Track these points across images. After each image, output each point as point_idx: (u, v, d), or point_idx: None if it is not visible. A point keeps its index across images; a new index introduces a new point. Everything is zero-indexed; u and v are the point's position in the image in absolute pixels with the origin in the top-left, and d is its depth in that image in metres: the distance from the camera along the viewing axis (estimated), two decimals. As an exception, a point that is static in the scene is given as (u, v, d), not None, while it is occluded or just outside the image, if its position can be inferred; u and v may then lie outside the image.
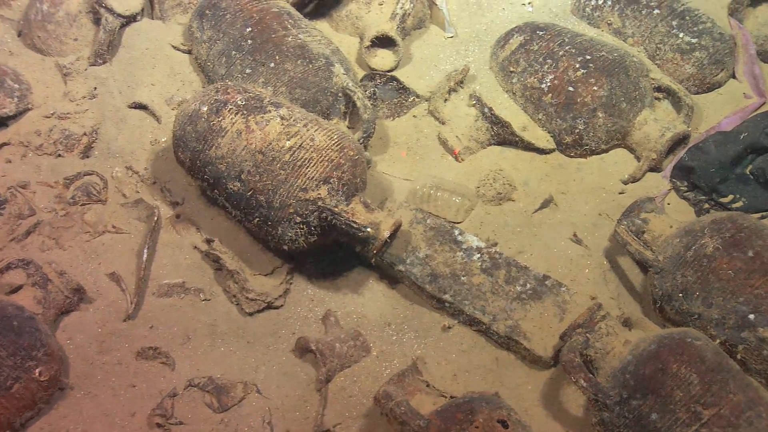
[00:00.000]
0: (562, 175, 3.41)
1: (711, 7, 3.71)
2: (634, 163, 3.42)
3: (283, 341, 2.99)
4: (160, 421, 2.75)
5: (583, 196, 3.36)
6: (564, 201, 3.35)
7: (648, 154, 3.36)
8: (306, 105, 3.24)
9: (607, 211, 3.31)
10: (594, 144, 3.41)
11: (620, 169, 3.42)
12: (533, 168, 3.43)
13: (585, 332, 2.72)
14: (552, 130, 3.43)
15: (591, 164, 3.45)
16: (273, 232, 2.94)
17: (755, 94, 3.58)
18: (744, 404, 2.48)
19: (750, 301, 2.72)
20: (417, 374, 2.82)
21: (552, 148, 3.45)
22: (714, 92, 3.63)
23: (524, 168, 3.43)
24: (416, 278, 3.05)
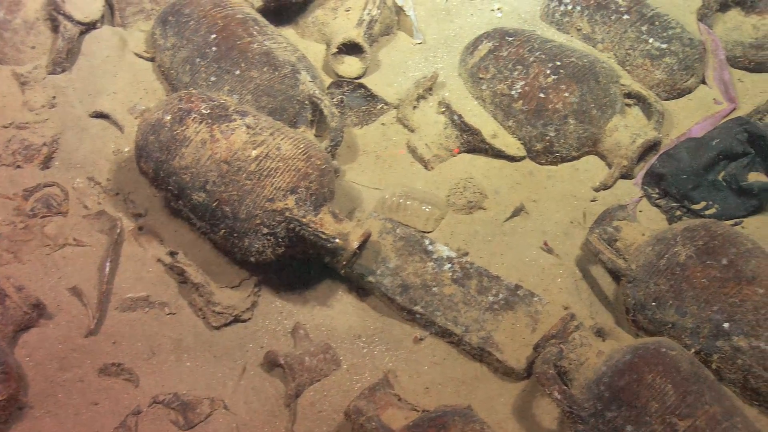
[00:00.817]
0: (533, 182, 3.38)
1: (680, 13, 3.71)
2: (606, 170, 3.40)
3: (250, 355, 2.92)
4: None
5: (555, 203, 3.33)
6: (535, 209, 3.32)
7: (619, 161, 3.34)
8: (272, 113, 3.18)
9: (578, 218, 3.28)
10: (565, 151, 3.39)
11: (591, 177, 3.40)
12: (504, 176, 3.39)
13: (558, 343, 2.68)
14: (522, 137, 3.40)
15: (562, 172, 3.42)
16: (239, 243, 2.87)
17: (725, 99, 3.57)
18: (720, 415, 2.45)
19: (724, 309, 2.70)
20: (388, 388, 2.77)
21: (522, 156, 3.42)
22: (684, 98, 3.63)
23: (495, 176, 3.39)
24: (386, 289, 2.99)
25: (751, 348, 2.66)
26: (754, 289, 2.70)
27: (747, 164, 3.26)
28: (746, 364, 2.67)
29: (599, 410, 2.50)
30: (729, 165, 3.29)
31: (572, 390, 2.61)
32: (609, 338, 2.77)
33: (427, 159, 3.41)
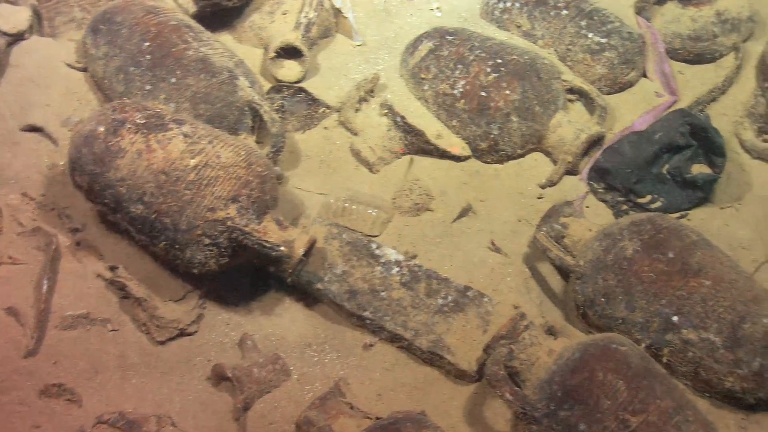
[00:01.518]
0: (480, 182, 3.36)
1: (618, 7, 3.72)
2: (551, 167, 3.39)
3: (198, 369, 2.86)
4: (67, 463, 2.60)
5: (502, 202, 3.31)
6: (483, 208, 3.30)
7: (564, 157, 3.33)
8: (211, 121, 3.11)
9: (526, 216, 3.27)
10: (510, 149, 3.37)
11: (537, 174, 3.39)
12: (450, 176, 3.36)
13: (509, 343, 2.66)
14: (467, 136, 3.38)
15: (508, 170, 3.40)
16: (181, 255, 2.80)
17: (667, 92, 3.59)
18: (671, 409, 2.45)
19: (672, 303, 2.70)
20: (340, 396, 2.74)
21: (468, 155, 3.39)
22: (626, 92, 3.63)
23: (441, 176, 3.36)
24: (334, 296, 2.95)
25: (700, 340, 2.66)
26: (701, 281, 2.71)
27: (690, 156, 3.28)
28: (696, 357, 2.67)
29: (552, 410, 2.49)
30: (672, 158, 3.30)
31: (524, 390, 2.60)
32: (560, 336, 2.75)
33: (371, 162, 3.37)
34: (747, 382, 2.65)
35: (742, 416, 2.73)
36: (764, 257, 3.11)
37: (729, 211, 3.26)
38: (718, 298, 2.68)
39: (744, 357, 2.64)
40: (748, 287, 2.73)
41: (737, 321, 2.65)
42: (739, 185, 3.33)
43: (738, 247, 3.14)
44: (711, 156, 3.27)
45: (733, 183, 3.33)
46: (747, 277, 2.79)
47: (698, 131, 3.28)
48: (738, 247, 3.14)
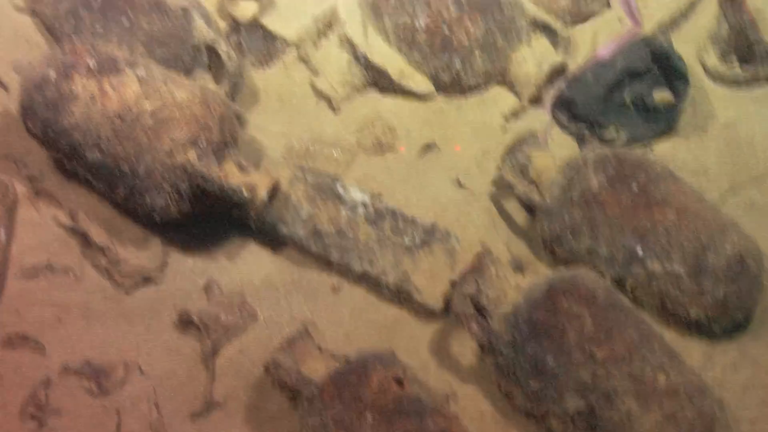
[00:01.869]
0: (444, 117, 3.31)
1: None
2: (515, 100, 3.35)
3: (164, 316, 2.83)
4: (34, 412, 2.60)
5: (467, 137, 3.28)
6: (447, 145, 3.26)
7: (528, 88, 3.29)
8: (166, 62, 3.02)
9: (491, 150, 3.23)
10: (473, 83, 3.32)
11: (502, 107, 3.34)
12: (413, 112, 3.31)
13: (476, 280, 2.66)
14: (429, 71, 3.31)
15: (472, 104, 3.35)
16: (141, 201, 2.75)
17: (630, 21, 3.54)
18: (637, 340, 2.48)
19: (637, 235, 2.71)
20: (308, 339, 2.72)
21: (431, 90, 3.33)
22: (589, 22, 3.56)
23: (404, 113, 3.30)
24: (300, 238, 2.92)
25: (665, 271, 2.68)
26: (665, 212, 2.71)
27: (651, 83, 3.24)
28: (661, 288, 2.69)
29: (519, 343, 2.50)
30: (635, 87, 3.27)
31: (491, 325, 2.60)
32: (527, 271, 2.76)
33: (333, 99, 3.30)
34: (711, 311, 2.68)
35: (707, 345, 2.77)
36: (729, 187, 3.11)
37: (693, 140, 3.25)
38: (682, 228, 2.69)
39: (708, 286, 2.66)
40: (712, 217, 2.74)
41: (701, 250, 2.67)
42: (703, 113, 3.31)
43: (703, 176, 3.14)
44: (674, 83, 3.23)
45: (698, 111, 3.31)
46: (711, 207, 2.80)
47: (661, 57, 3.24)
48: (703, 177, 3.13)
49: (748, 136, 3.25)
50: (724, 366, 2.73)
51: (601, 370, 2.43)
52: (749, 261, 2.69)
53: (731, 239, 2.70)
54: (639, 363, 2.45)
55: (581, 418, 2.44)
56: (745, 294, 2.69)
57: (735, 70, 3.36)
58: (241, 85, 3.14)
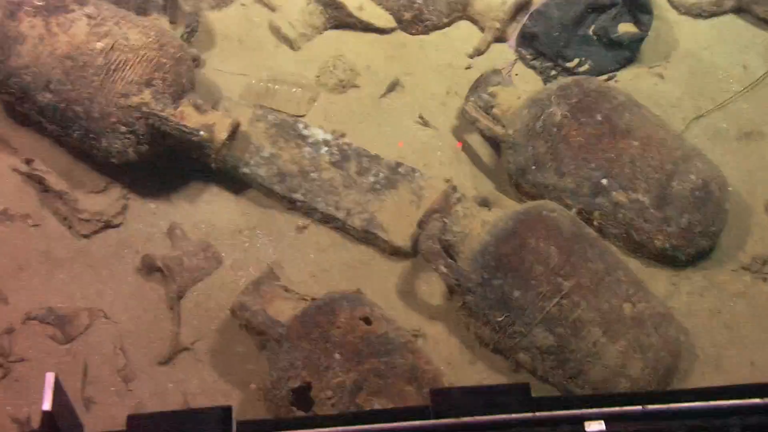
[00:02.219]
0: (406, 54, 3.27)
1: None
2: (479, 36, 3.31)
3: (127, 261, 2.79)
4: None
5: (430, 74, 3.24)
6: (410, 82, 3.22)
7: (491, 23, 3.25)
8: (118, 1, 2.92)
9: (455, 88, 3.20)
10: (435, 18, 3.27)
11: (465, 43, 3.30)
12: (375, 50, 3.26)
13: (442, 217, 2.64)
14: (390, 7, 3.26)
15: (435, 40, 3.31)
16: (97, 145, 2.69)
17: (594, -48, 3.49)
18: (603, 271, 2.48)
19: (602, 166, 2.69)
20: (274, 280, 2.70)
21: (392, 27, 3.28)
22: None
23: (365, 51, 3.25)
24: (263, 180, 2.87)
25: (630, 201, 2.67)
26: (629, 142, 2.70)
27: (615, 16, 3.21)
28: (627, 218, 2.69)
29: (486, 279, 2.49)
30: (598, 18, 3.23)
31: (459, 262, 2.59)
32: (494, 207, 2.74)
33: (292, 38, 3.23)
34: (676, 240, 2.69)
35: (673, 273, 2.78)
36: (693, 114, 3.10)
37: (657, 70, 3.24)
38: (646, 158, 2.68)
39: (672, 214, 2.66)
40: (676, 146, 2.73)
41: (665, 180, 2.66)
42: (666, 43, 3.30)
43: (667, 105, 3.13)
44: (637, 14, 3.20)
45: (661, 41, 3.29)
46: (675, 135, 2.80)
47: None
48: (667, 106, 3.13)
49: (711, 64, 3.25)
50: (689, 293, 2.75)
51: (567, 301, 2.43)
52: (713, 188, 2.69)
53: (695, 167, 2.70)
54: (605, 293, 2.45)
55: (549, 350, 2.44)
56: (709, 221, 2.69)
57: (699, 1, 3.33)
58: (197, 26, 3.05)
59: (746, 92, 3.15)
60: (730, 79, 3.20)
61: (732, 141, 3.05)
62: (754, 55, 3.25)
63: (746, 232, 2.85)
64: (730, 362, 2.62)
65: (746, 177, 2.96)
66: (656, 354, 2.44)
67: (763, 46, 3.27)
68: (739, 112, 3.12)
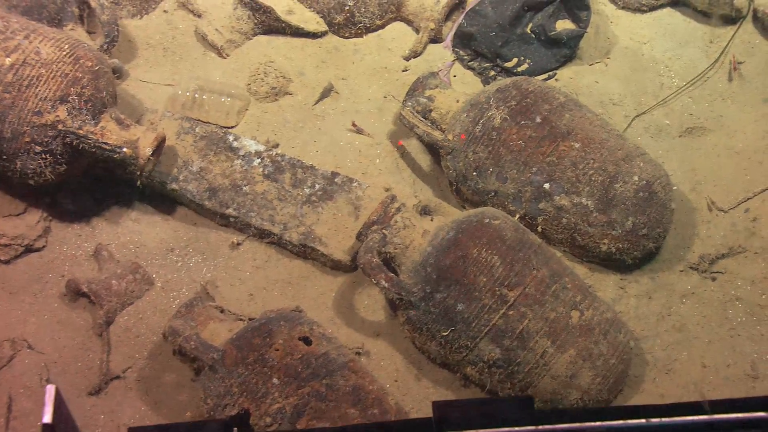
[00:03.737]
0: (340, 59, 3.16)
1: None
2: (414, 37, 3.22)
3: (51, 287, 2.66)
4: None
5: (365, 79, 3.14)
6: (345, 87, 3.11)
7: (426, 24, 3.16)
8: (29, 12, 2.80)
9: (392, 92, 3.10)
10: (368, 20, 3.17)
11: (400, 45, 3.21)
12: (307, 55, 3.15)
13: (381, 228, 2.54)
14: (320, 10, 3.16)
15: (369, 43, 3.21)
16: (11, 167, 2.56)
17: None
18: (548, 279, 2.40)
19: (543, 170, 2.62)
20: (208, 300, 2.59)
21: (324, 31, 3.18)
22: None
23: (297, 56, 3.14)
24: (193, 195, 2.75)
25: (573, 205, 2.60)
26: (570, 144, 2.63)
27: (553, 12, 3.15)
28: (571, 223, 2.62)
29: (428, 293, 2.40)
30: (535, 16, 3.16)
31: (400, 275, 2.49)
32: (435, 215, 2.64)
33: (219, 46, 3.11)
34: (622, 243, 2.62)
35: (620, 277, 2.73)
36: (635, 112, 3.05)
37: (598, 66, 3.18)
38: (588, 160, 2.61)
39: (617, 217, 2.59)
40: (618, 146, 2.67)
41: (608, 182, 2.60)
42: (606, 39, 3.24)
43: (609, 103, 3.07)
44: (575, 10, 3.14)
45: (601, 37, 3.23)
46: (617, 135, 2.73)
47: (561, -16, 3.15)
48: (609, 104, 3.07)
49: (651, 59, 3.19)
50: (637, 296, 2.70)
51: (513, 312, 2.35)
52: (657, 189, 2.63)
53: (638, 167, 2.64)
54: (552, 302, 2.38)
55: (497, 363, 2.36)
56: (654, 223, 2.63)
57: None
58: (117, 35, 2.91)
59: (688, 87, 3.10)
60: (671, 73, 3.15)
61: (675, 138, 3.00)
62: (693, 49, 3.20)
63: (692, 230, 2.80)
64: (681, 365, 2.56)
65: (690, 174, 2.91)
66: (606, 362, 2.38)
67: (702, 40, 3.23)
68: (681, 108, 3.07)
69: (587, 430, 1.72)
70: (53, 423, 1.68)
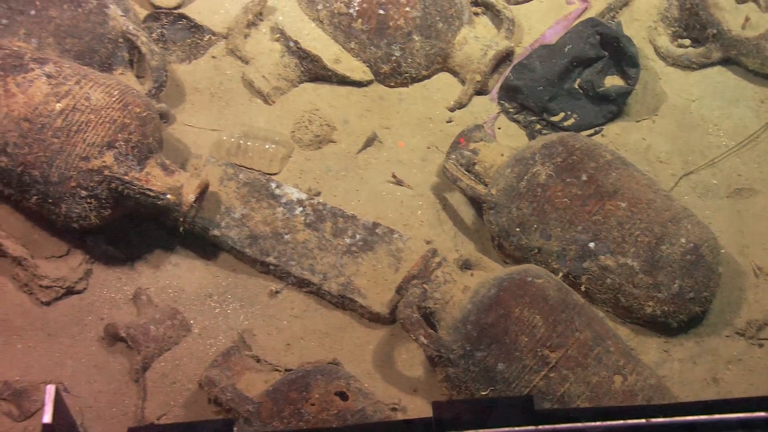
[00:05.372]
0: (384, 108, 3.16)
1: None
2: (459, 88, 3.21)
3: (90, 330, 2.66)
4: (-51, 441, 2.42)
5: (409, 129, 3.13)
6: (389, 137, 3.11)
7: (472, 76, 3.16)
8: (80, 56, 2.84)
9: (435, 143, 3.09)
10: (414, 71, 3.17)
11: (445, 96, 3.21)
12: (352, 104, 3.15)
13: (421, 283, 2.52)
14: (367, 59, 3.16)
15: (414, 93, 3.21)
16: (56, 210, 2.58)
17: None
18: (591, 341, 2.36)
19: (588, 228, 2.59)
20: (245, 349, 2.59)
21: (369, 80, 3.18)
22: (535, 1, 3.44)
23: (342, 105, 3.15)
24: (234, 242, 2.75)
25: (618, 266, 2.56)
26: (617, 203, 2.59)
27: (602, 69, 3.14)
28: (615, 283, 2.58)
29: (468, 351, 2.37)
30: (584, 71, 3.15)
31: (440, 331, 2.47)
32: (476, 269, 2.63)
33: (266, 92, 3.13)
34: (667, 306, 2.57)
35: (664, 340, 2.67)
36: (682, 170, 3.01)
37: (645, 123, 3.15)
38: (635, 220, 2.58)
39: (663, 280, 2.55)
40: (665, 206, 2.63)
41: (655, 243, 2.56)
42: (654, 96, 3.21)
43: (655, 161, 3.04)
44: (624, 66, 3.13)
45: (649, 93, 3.20)
46: (664, 195, 2.69)
47: (610, 41, 3.13)
48: (656, 162, 3.03)
49: (700, 117, 3.16)
50: (682, 361, 2.64)
51: (555, 374, 2.31)
52: (704, 251, 2.59)
53: (685, 229, 2.59)
54: (594, 365, 2.33)
55: (536, 425, 2.32)
56: (701, 286, 2.58)
57: (687, 52, 3.25)
58: (165, 80, 2.95)
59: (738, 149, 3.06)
60: (720, 132, 3.11)
61: (722, 198, 2.96)
62: (744, 108, 3.16)
63: (740, 295, 2.74)
64: (727, 434, 2.49)
65: (738, 236, 2.86)
66: (649, 429, 2.32)
67: (753, 99, 3.19)
68: (729, 168, 3.02)
69: (587, 430, 1.71)
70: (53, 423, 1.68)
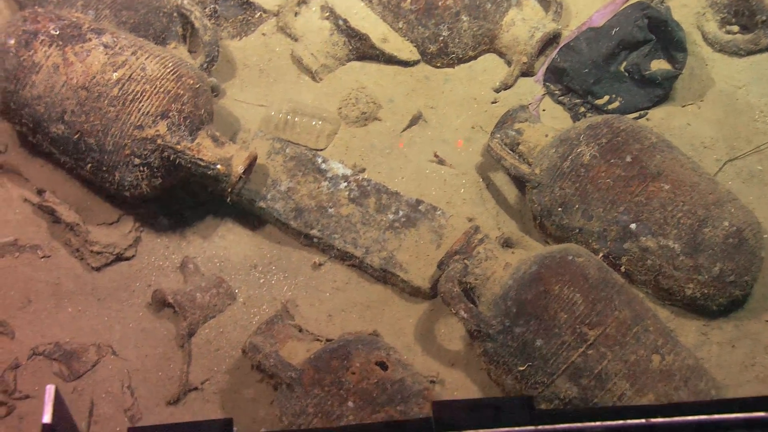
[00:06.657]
0: (430, 88, 3.18)
1: None
2: (505, 69, 3.22)
3: (137, 295, 2.72)
4: (2, 398, 2.48)
5: (454, 108, 3.15)
6: (434, 116, 3.13)
7: (518, 57, 3.16)
8: (136, 29, 2.89)
9: (480, 123, 3.11)
10: (460, 51, 3.18)
11: (491, 77, 3.22)
12: (398, 83, 3.18)
13: (463, 258, 2.54)
14: (414, 39, 3.18)
15: (459, 74, 3.22)
16: (110, 178, 2.64)
17: (626, -17, 3.40)
18: (630, 320, 2.37)
19: (630, 209, 2.59)
20: (288, 319, 2.62)
21: (416, 60, 3.20)
22: (583, -17, 3.44)
23: (388, 83, 3.17)
24: (279, 214, 2.80)
25: (659, 247, 2.56)
26: (660, 185, 2.59)
27: (648, 52, 3.11)
28: (656, 265, 2.58)
29: (507, 326, 2.39)
30: (630, 54, 3.13)
31: (480, 306, 2.49)
32: (517, 248, 2.64)
33: (314, 70, 3.17)
34: (707, 288, 2.57)
35: (703, 323, 2.66)
36: (727, 156, 2.99)
37: (691, 108, 3.12)
38: (678, 202, 2.57)
39: (704, 263, 2.54)
40: (709, 190, 2.62)
41: (697, 226, 2.55)
42: (701, 81, 3.18)
43: (700, 146, 3.02)
44: (671, 51, 3.11)
45: (695, 79, 3.18)
46: (708, 178, 2.68)
47: (658, 25, 3.10)
48: (700, 147, 3.02)
49: (747, 104, 3.13)
50: (720, 343, 2.63)
51: (593, 351, 2.32)
52: (747, 235, 2.58)
53: (729, 213, 2.58)
54: (632, 344, 2.34)
55: (573, 401, 2.33)
56: (742, 270, 2.57)
57: (735, 38, 3.23)
58: (217, 55, 2.99)
59: (784, 135, 3.04)
60: (767, 119, 3.08)
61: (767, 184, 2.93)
62: (791, 95, 3.14)
63: (782, 280, 2.73)
64: (764, 418, 2.49)
65: (782, 222, 2.84)
66: (685, 409, 2.33)
67: (801, 87, 3.16)
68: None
69: (587, 430, 1.70)
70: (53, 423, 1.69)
